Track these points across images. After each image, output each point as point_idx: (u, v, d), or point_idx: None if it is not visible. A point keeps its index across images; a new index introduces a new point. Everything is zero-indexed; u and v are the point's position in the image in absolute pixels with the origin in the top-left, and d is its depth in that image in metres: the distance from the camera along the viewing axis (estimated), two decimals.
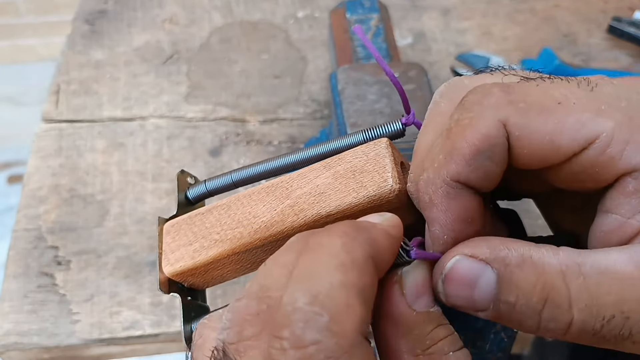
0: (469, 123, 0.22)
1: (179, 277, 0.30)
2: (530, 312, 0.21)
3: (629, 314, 0.20)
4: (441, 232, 0.23)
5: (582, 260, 0.21)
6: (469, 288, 0.21)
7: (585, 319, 0.20)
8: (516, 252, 0.21)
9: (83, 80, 0.65)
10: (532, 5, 0.73)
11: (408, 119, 0.29)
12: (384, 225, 0.23)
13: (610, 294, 0.20)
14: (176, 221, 0.31)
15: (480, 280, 0.21)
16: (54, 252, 0.53)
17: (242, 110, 0.63)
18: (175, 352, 0.51)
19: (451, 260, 0.22)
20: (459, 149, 0.22)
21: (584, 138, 0.21)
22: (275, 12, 0.72)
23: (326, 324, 0.19)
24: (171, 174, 0.58)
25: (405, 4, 0.73)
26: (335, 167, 0.28)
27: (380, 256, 0.22)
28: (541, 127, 0.21)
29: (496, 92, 0.22)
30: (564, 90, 0.22)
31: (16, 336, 0.48)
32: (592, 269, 0.20)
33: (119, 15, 0.72)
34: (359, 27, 0.28)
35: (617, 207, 0.22)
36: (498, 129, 0.21)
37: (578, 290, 0.20)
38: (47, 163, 0.58)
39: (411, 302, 0.23)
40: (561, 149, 0.21)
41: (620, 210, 0.22)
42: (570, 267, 0.20)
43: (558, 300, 0.20)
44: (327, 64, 0.67)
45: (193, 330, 0.30)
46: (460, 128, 0.22)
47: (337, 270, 0.20)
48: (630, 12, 0.72)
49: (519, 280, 0.21)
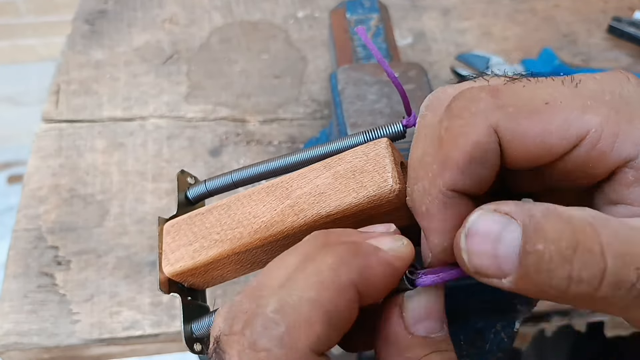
0: (460, 131, 0.22)
1: (179, 277, 0.30)
2: (560, 260, 0.19)
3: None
4: (440, 240, 0.23)
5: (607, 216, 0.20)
6: (493, 242, 0.20)
7: (619, 267, 0.19)
8: (542, 207, 0.20)
9: (83, 80, 0.65)
10: (532, 5, 0.73)
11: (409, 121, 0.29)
12: (388, 255, 0.23)
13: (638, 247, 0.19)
14: (176, 221, 0.31)
15: (505, 233, 0.20)
16: (54, 252, 0.53)
17: (242, 110, 0.63)
18: (175, 352, 0.51)
19: (474, 214, 0.21)
20: (453, 158, 0.22)
21: (573, 136, 0.21)
22: (275, 12, 0.72)
23: (280, 335, 0.20)
24: (171, 174, 0.58)
25: (405, 4, 0.73)
26: (335, 167, 0.28)
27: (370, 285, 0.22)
28: (531, 129, 0.21)
29: (484, 97, 0.22)
30: (550, 89, 0.22)
31: (16, 336, 0.48)
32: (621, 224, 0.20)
33: (119, 15, 0.72)
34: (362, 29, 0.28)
35: (623, 198, 0.22)
36: (489, 135, 0.21)
37: (609, 237, 0.19)
38: (47, 163, 0.58)
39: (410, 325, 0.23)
40: (552, 148, 0.21)
41: (627, 200, 0.22)
42: (597, 219, 0.20)
43: (589, 244, 0.19)
44: (327, 64, 0.67)
45: (193, 330, 0.30)
46: (451, 136, 0.22)
47: (313, 287, 0.21)
48: (630, 12, 0.72)
49: (546, 229, 0.19)
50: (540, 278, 0.20)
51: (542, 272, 0.19)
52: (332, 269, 0.21)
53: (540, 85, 0.22)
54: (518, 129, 0.21)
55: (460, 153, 0.21)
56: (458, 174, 0.22)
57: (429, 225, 0.23)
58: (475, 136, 0.21)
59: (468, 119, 0.22)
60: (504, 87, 0.22)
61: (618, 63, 0.67)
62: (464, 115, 0.22)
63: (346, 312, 0.21)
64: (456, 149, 0.22)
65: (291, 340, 0.20)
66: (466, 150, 0.21)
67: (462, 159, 0.21)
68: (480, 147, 0.21)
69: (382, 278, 0.22)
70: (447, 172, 0.22)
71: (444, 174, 0.22)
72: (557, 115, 0.21)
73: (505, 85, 0.22)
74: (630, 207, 0.22)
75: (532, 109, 0.21)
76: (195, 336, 0.30)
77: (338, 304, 0.21)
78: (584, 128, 0.21)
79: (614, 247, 0.19)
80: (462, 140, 0.21)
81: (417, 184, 0.23)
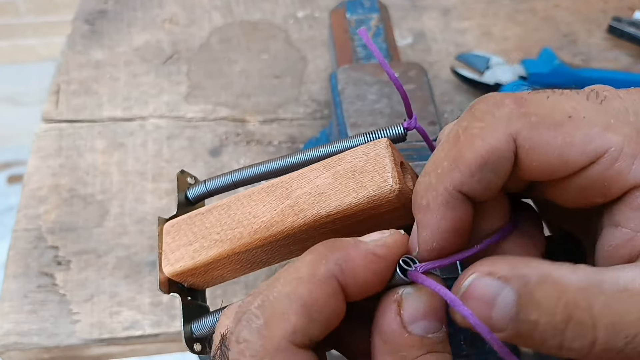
0: (478, 133, 0.22)
1: (179, 277, 0.31)
2: (553, 331, 0.20)
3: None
4: (431, 238, 0.23)
5: (601, 277, 0.20)
6: (487, 307, 0.21)
7: (609, 337, 0.20)
8: (536, 271, 0.20)
9: (83, 80, 0.65)
10: (532, 5, 0.73)
11: (410, 123, 0.29)
12: (369, 245, 0.23)
13: (632, 312, 0.20)
14: (176, 221, 0.31)
15: (499, 298, 0.20)
16: (54, 252, 0.53)
17: (242, 110, 0.63)
18: (175, 352, 0.51)
19: (468, 278, 0.21)
20: (466, 159, 0.22)
21: (592, 152, 0.21)
22: (275, 12, 0.72)
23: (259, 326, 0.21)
24: (171, 174, 0.58)
25: (405, 4, 0.73)
26: (335, 167, 0.28)
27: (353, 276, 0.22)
28: (551, 141, 0.21)
29: (509, 104, 0.22)
30: (574, 103, 0.22)
31: (16, 336, 0.48)
32: (612, 287, 0.20)
33: (119, 15, 0.72)
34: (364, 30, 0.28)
35: (626, 221, 0.22)
36: (507, 142, 0.21)
37: (601, 308, 0.20)
38: (47, 163, 0.58)
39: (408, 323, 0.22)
40: (570, 162, 0.21)
41: (630, 224, 0.21)
42: (591, 285, 0.20)
43: (582, 317, 0.20)
44: (327, 64, 0.67)
45: (193, 331, 0.30)
46: (469, 137, 0.22)
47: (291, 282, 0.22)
48: (630, 12, 0.72)
49: (540, 299, 0.20)
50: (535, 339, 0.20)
51: (536, 336, 0.20)
52: (309, 264, 0.22)
53: (564, 98, 0.22)
54: (538, 139, 0.21)
55: (475, 155, 0.21)
56: (468, 176, 0.22)
57: (424, 219, 0.23)
58: (493, 141, 0.21)
59: (489, 122, 0.21)
60: (528, 96, 0.22)
61: (618, 63, 0.67)
62: (486, 119, 0.22)
63: (327, 305, 0.22)
64: (471, 151, 0.22)
65: (268, 331, 0.21)
66: (481, 153, 0.21)
67: (475, 161, 0.21)
68: (496, 153, 0.21)
69: (364, 268, 0.22)
70: (457, 172, 0.22)
71: (454, 173, 0.22)
72: (578, 130, 0.21)
73: (530, 95, 0.22)
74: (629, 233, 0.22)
75: (554, 121, 0.21)
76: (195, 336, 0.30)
77: (317, 297, 0.21)
78: (604, 146, 0.21)
79: (606, 318, 0.20)
80: (479, 143, 0.21)
81: (425, 177, 0.23)
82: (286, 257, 0.30)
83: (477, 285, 0.21)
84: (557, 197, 0.23)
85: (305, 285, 0.21)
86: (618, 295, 0.20)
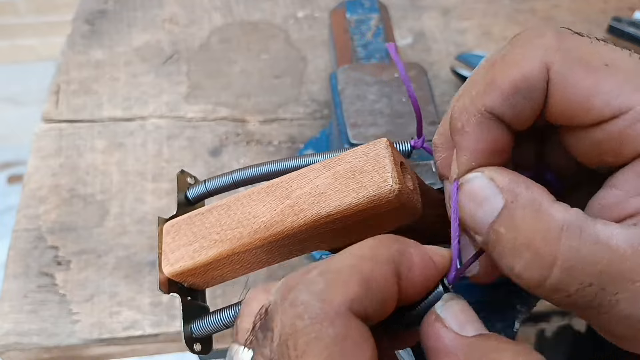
0: (514, 59, 0.22)
1: (178, 277, 0.30)
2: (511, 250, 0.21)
3: (605, 286, 0.20)
4: (469, 159, 0.24)
5: (585, 225, 0.21)
6: (476, 205, 0.22)
7: (563, 278, 0.21)
8: (530, 195, 0.22)
9: (83, 80, 0.65)
10: (532, 5, 0.73)
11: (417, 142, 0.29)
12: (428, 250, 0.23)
13: (596, 264, 0.20)
14: (176, 221, 0.31)
15: (488, 202, 0.22)
16: (54, 252, 0.53)
17: (242, 110, 0.63)
18: (175, 352, 0.51)
19: (473, 173, 0.23)
20: (499, 84, 0.22)
21: (617, 107, 0.21)
22: (275, 12, 0.72)
23: (319, 290, 0.20)
24: (171, 174, 0.58)
25: (405, 4, 0.73)
26: (335, 167, 0.28)
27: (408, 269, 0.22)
28: (581, 82, 0.21)
29: (549, 36, 0.22)
30: (615, 55, 0.22)
31: (16, 336, 0.48)
32: (589, 236, 0.21)
33: (119, 15, 0.72)
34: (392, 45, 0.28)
35: (624, 184, 0.22)
36: (540, 72, 0.22)
37: (570, 250, 0.20)
38: (47, 163, 0.58)
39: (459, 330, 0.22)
40: (593, 110, 0.21)
41: (626, 186, 0.22)
42: (571, 227, 0.21)
43: (544, 251, 0.21)
44: (327, 64, 0.67)
45: (193, 330, 0.30)
46: (505, 62, 0.22)
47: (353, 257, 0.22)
48: (630, 12, 0.72)
49: (517, 217, 0.21)
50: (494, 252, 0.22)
51: (496, 249, 0.22)
52: (372, 246, 0.22)
53: (607, 49, 0.22)
54: (570, 76, 0.21)
55: (508, 80, 0.22)
56: (500, 99, 0.22)
57: (461, 142, 0.24)
58: (527, 68, 0.22)
59: (527, 50, 0.22)
60: (571, 35, 0.22)
61: None
62: (525, 46, 0.22)
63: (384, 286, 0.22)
64: (505, 76, 0.22)
65: (329, 295, 0.20)
66: (514, 80, 0.22)
67: (508, 86, 0.22)
68: (528, 81, 0.22)
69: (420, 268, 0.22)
70: (490, 94, 0.22)
71: (487, 95, 0.23)
72: (610, 79, 0.21)
73: (574, 34, 0.22)
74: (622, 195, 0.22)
75: (590, 64, 0.21)
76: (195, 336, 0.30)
77: (376, 275, 0.21)
78: (629, 103, 0.21)
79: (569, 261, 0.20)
80: (514, 69, 0.22)
81: (459, 100, 0.24)
82: (286, 257, 0.30)
83: (476, 182, 0.23)
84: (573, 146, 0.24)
85: (367, 262, 0.21)
86: (591, 246, 0.20)
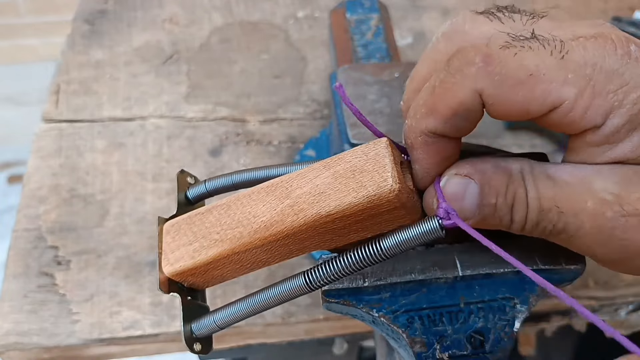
0: (450, 88, 0.25)
1: (178, 277, 0.31)
2: (507, 209, 0.26)
3: (562, 209, 0.25)
4: (421, 169, 0.27)
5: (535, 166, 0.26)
6: (459, 200, 0.26)
7: (532, 211, 0.26)
8: (490, 164, 0.26)
9: (83, 80, 0.65)
10: (532, 5, 0.73)
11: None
12: None
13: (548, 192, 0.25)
14: (176, 221, 0.31)
15: (467, 192, 0.26)
16: (54, 252, 0.53)
17: (242, 110, 0.63)
18: (175, 352, 0.51)
19: (442, 179, 0.27)
20: (438, 110, 0.25)
21: (550, 104, 0.24)
22: (275, 12, 0.72)
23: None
24: (171, 174, 0.58)
25: (405, 4, 0.73)
26: (335, 167, 0.28)
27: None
28: (513, 97, 0.24)
29: (478, 62, 0.24)
30: (537, 60, 0.24)
31: (16, 336, 0.48)
32: (541, 174, 0.26)
33: (119, 15, 0.72)
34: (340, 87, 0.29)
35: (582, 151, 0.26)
36: (474, 98, 0.25)
37: (530, 188, 0.26)
38: (47, 163, 0.58)
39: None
40: (531, 112, 0.25)
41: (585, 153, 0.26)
42: (525, 170, 0.26)
43: (521, 196, 0.26)
44: (327, 64, 0.67)
45: (193, 330, 0.30)
46: (442, 90, 0.25)
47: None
48: (630, 12, 0.72)
49: (495, 183, 0.26)
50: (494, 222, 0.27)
51: (495, 218, 0.26)
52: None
53: (530, 55, 0.24)
54: (501, 96, 0.24)
55: (446, 107, 0.25)
56: (441, 123, 0.26)
57: (413, 155, 0.28)
58: (461, 96, 0.25)
59: (459, 79, 0.25)
60: (496, 54, 0.25)
61: None
62: (456, 76, 0.25)
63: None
64: (443, 103, 0.25)
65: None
66: (451, 106, 0.25)
67: (446, 112, 0.25)
68: (465, 105, 0.25)
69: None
70: (431, 119, 0.26)
71: (428, 119, 0.26)
72: (538, 86, 0.24)
73: (499, 52, 0.25)
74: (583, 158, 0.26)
75: (517, 79, 0.24)
76: (195, 336, 0.30)
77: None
78: (560, 99, 0.24)
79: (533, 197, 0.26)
80: (450, 97, 0.25)
81: (407, 120, 0.27)
82: (286, 257, 0.30)
83: (449, 184, 0.26)
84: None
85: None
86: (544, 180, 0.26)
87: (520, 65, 0.24)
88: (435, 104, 0.26)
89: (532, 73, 0.24)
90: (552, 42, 0.25)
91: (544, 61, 0.24)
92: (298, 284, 0.28)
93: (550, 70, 0.24)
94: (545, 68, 0.24)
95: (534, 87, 0.24)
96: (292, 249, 0.29)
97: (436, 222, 0.26)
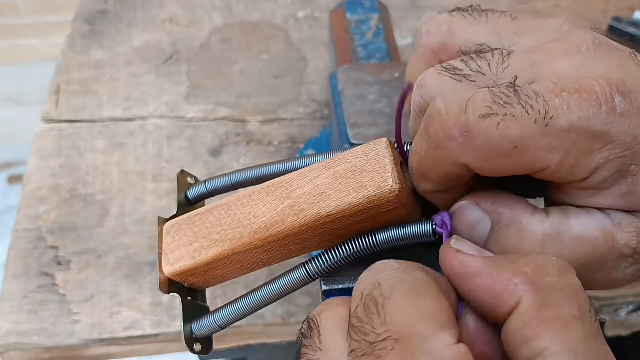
0: (435, 159, 0.26)
1: (178, 277, 0.31)
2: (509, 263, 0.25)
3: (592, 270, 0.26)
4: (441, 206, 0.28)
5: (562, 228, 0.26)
6: (470, 228, 0.27)
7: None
8: (511, 214, 0.26)
9: (83, 80, 0.65)
10: (532, 5, 0.73)
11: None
12: None
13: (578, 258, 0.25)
14: (176, 221, 0.31)
15: (478, 225, 0.26)
16: (54, 252, 0.53)
17: (242, 110, 0.63)
18: (175, 352, 0.51)
19: (460, 202, 0.27)
20: (429, 177, 0.27)
21: (534, 169, 0.25)
22: (275, 12, 0.72)
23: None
24: (171, 174, 0.58)
25: (405, 4, 0.73)
26: (335, 167, 0.28)
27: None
28: (499, 167, 0.25)
29: (457, 137, 0.24)
30: (521, 129, 0.23)
31: (16, 336, 0.48)
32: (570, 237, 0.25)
33: (119, 15, 0.72)
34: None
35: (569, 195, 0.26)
36: (460, 168, 0.25)
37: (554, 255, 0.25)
38: (47, 163, 0.58)
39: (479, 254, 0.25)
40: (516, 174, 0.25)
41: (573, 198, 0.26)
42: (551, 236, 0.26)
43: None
44: (327, 64, 0.67)
45: (193, 330, 0.30)
46: (428, 160, 0.26)
47: None
48: (630, 12, 0.72)
49: (502, 237, 0.26)
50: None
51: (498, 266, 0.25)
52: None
53: (512, 125, 0.24)
54: (487, 165, 0.25)
55: (435, 175, 0.26)
56: (434, 186, 0.27)
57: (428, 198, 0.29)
58: (447, 167, 0.25)
59: (443, 152, 0.25)
60: (476, 126, 0.24)
61: None
62: (438, 151, 0.25)
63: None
64: (432, 172, 0.26)
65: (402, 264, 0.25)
66: (440, 174, 0.26)
67: (438, 178, 0.26)
68: (454, 173, 0.26)
69: None
70: (424, 183, 0.27)
71: (423, 183, 0.27)
72: (523, 156, 0.24)
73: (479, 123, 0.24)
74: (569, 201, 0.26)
75: (501, 151, 0.24)
76: (195, 336, 0.30)
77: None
78: (546, 164, 0.24)
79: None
80: (436, 167, 0.26)
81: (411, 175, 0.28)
82: (286, 257, 0.30)
83: (464, 209, 0.27)
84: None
85: None
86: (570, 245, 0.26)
87: (503, 136, 0.24)
88: (424, 172, 0.27)
89: (517, 145, 0.24)
90: (535, 104, 0.24)
91: (526, 130, 0.23)
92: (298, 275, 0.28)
93: (535, 140, 0.24)
94: (530, 137, 0.23)
95: (519, 157, 0.24)
96: (292, 249, 0.29)
97: (430, 227, 0.27)
